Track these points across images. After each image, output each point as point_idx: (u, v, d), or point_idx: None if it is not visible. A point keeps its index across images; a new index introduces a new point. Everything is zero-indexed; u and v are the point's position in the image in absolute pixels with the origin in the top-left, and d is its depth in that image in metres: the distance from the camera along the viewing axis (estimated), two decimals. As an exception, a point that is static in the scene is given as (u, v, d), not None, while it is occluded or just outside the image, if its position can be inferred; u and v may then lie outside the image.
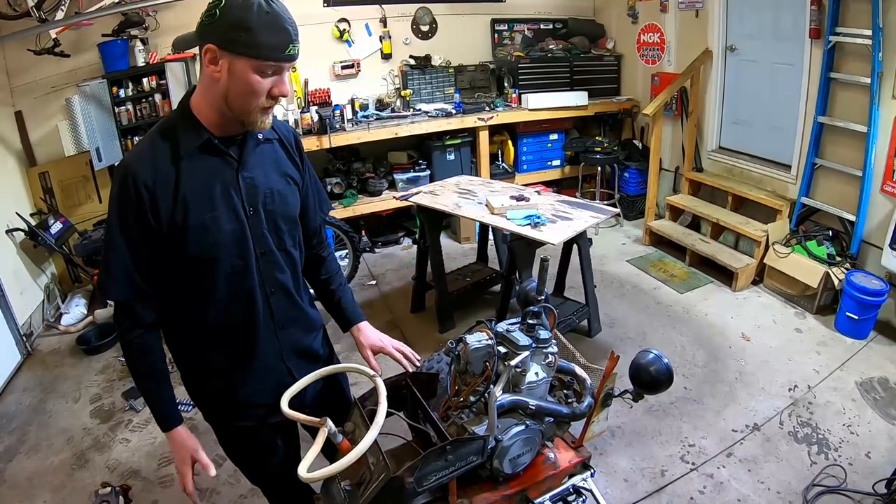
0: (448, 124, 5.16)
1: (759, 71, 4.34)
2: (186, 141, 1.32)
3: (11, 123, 4.40)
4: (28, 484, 2.79)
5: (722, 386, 3.13)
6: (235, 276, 1.41)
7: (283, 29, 1.22)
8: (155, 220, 1.30)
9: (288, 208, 1.49)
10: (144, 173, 1.28)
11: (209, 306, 1.42)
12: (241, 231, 1.38)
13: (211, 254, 1.36)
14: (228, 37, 1.20)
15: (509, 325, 1.67)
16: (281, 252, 1.49)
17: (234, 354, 1.51)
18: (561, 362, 1.72)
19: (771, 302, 3.97)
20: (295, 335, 1.58)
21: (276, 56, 1.23)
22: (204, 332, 1.47)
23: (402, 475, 1.30)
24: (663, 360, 1.59)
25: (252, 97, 1.26)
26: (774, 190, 4.25)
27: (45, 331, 4.27)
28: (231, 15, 1.19)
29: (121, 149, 4.59)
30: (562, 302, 3.77)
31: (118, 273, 1.34)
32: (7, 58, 4.28)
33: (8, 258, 4.04)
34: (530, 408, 1.55)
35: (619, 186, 5.57)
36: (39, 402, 3.44)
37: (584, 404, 1.67)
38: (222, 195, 1.35)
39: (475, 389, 1.55)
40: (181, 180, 1.31)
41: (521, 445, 1.54)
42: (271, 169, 1.46)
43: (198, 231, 1.33)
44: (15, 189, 4.36)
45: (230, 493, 2.62)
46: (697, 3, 4.64)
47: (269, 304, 1.49)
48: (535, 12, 5.92)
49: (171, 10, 4.56)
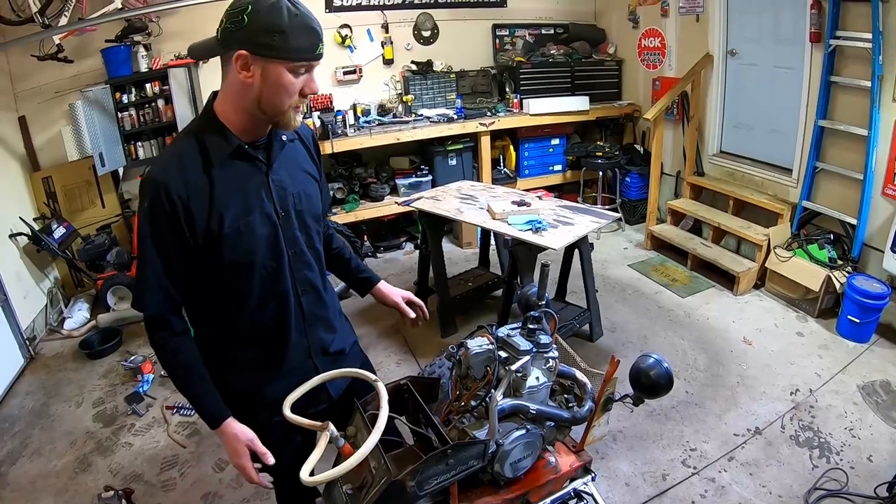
0: (450, 129, 5.18)
1: (760, 75, 4.36)
2: (217, 149, 1.33)
3: (15, 128, 4.43)
4: (31, 487, 2.80)
5: (723, 390, 3.13)
6: (269, 278, 1.43)
7: (312, 30, 1.25)
8: (190, 230, 1.30)
9: (314, 206, 1.52)
10: (176, 185, 1.28)
11: (243, 308, 1.45)
12: (274, 234, 1.41)
13: (246, 258, 1.38)
14: (261, 41, 1.21)
15: (510, 329, 1.68)
16: (310, 250, 1.52)
17: (265, 353, 1.53)
18: (562, 367, 1.73)
19: (772, 306, 3.97)
20: (321, 333, 1.60)
21: (308, 56, 1.27)
22: (236, 332, 1.49)
23: (404, 479, 1.31)
24: (663, 365, 1.60)
25: (286, 97, 1.29)
26: (775, 194, 4.26)
27: (48, 335, 4.29)
28: (261, 20, 1.20)
29: (124, 154, 4.64)
30: (563, 306, 3.77)
31: (154, 287, 1.34)
32: (11, 63, 4.32)
33: (11, 262, 4.06)
34: (531, 412, 1.56)
35: (621, 191, 5.58)
36: (42, 405, 3.45)
37: (585, 409, 1.68)
38: (255, 200, 1.38)
39: (476, 394, 1.57)
40: (214, 189, 1.32)
41: (522, 449, 1.55)
42: (296, 169, 1.49)
43: (233, 237, 1.34)
44: (18, 194, 4.39)
45: (233, 497, 2.64)
46: (698, 8, 4.66)
47: (300, 303, 1.52)
48: (536, 17, 5.94)
49: (174, 15, 4.60)
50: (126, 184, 4.97)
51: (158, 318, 1.39)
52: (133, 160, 4.71)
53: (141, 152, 4.71)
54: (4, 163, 4.27)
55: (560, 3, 5.93)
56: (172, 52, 4.67)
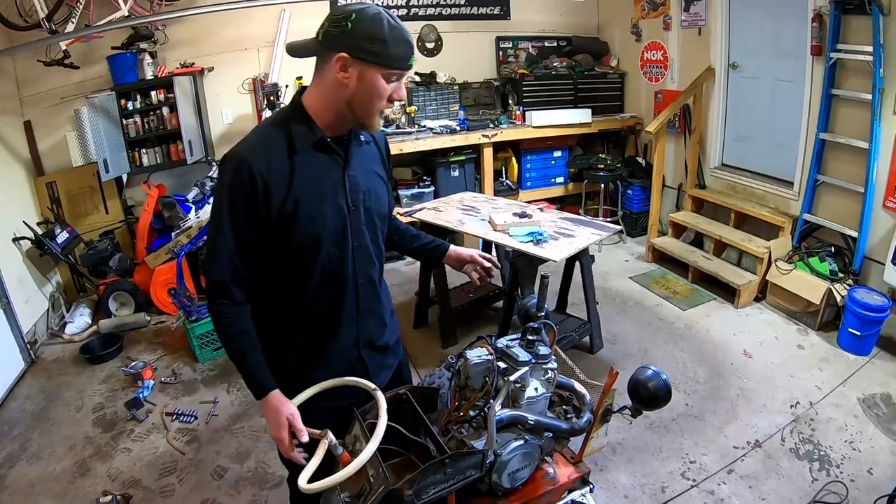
0: (452, 141, 5.22)
1: (761, 88, 4.38)
2: (302, 137, 1.42)
3: (20, 133, 4.47)
4: (30, 490, 2.81)
5: (723, 402, 3.13)
6: (332, 265, 1.50)
7: (408, 42, 1.35)
8: (265, 208, 1.38)
9: (381, 205, 1.60)
10: (259, 164, 1.37)
11: (302, 291, 1.52)
12: (342, 225, 1.48)
13: (313, 244, 1.46)
14: (362, 46, 1.31)
15: (509, 340, 1.68)
16: (373, 245, 1.59)
17: (315, 336, 1.59)
18: (560, 378, 1.73)
19: (773, 318, 3.97)
20: (372, 326, 1.66)
21: (402, 66, 1.36)
22: (292, 313, 1.57)
23: (401, 488, 1.31)
24: (662, 377, 1.61)
25: (377, 101, 1.38)
26: (777, 207, 4.27)
27: (50, 339, 4.30)
28: (365, 28, 1.30)
29: (128, 161, 4.66)
30: (564, 318, 3.78)
31: (222, 255, 1.42)
32: (17, 68, 4.37)
33: (14, 266, 4.07)
34: (529, 423, 1.56)
35: (623, 203, 5.59)
36: (42, 409, 3.46)
37: (583, 420, 1.68)
38: (330, 191, 1.46)
39: (475, 404, 1.57)
40: (294, 174, 1.40)
41: (520, 460, 1.55)
42: (369, 168, 1.57)
43: (305, 222, 1.42)
44: (22, 198, 4.42)
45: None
46: (700, 21, 4.70)
47: (357, 294, 1.58)
48: (540, 30, 6.01)
49: (180, 24, 4.66)
50: (129, 190, 5.00)
51: (221, 284, 1.46)
52: (137, 167, 4.74)
53: (145, 159, 4.74)
54: (9, 167, 4.30)
55: (563, 16, 5.99)
56: (178, 61, 4.73)
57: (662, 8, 5.07)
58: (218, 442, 3.06)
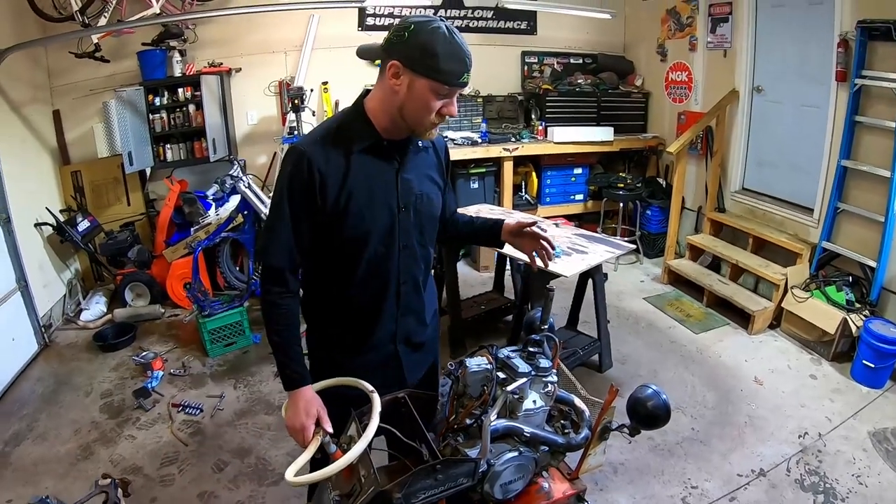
0: (473, 153, 5.24)
1: (785, 112, 4.34)
2: (359, 138, 1.48)
3: (49, 122, 4.59)
4: (32, 469, 2.86)
5: (730, 429, 3.07)
6: (377, 261, 1.56)
7: (461, 59, 1.35)
8: (321, 200, 1.45)
9: (433, 210, 1.65)
10: (318, 158, 1.44)
11: (348, 283, 1.59)
12: (391, 224, 1.54)
13: (361, 239, 1.52)
14: (414, 58, 1.35)
15: (511, 351, 1.68)
16: (420, 248, 1.63)
17: (356, 328, 1.65)
18: (560, 392, 1.71)
19: (787, 346, 3.89)
20: (411, 324, 1.70)
21: (453, 81, 1.37)
22: (336, 304, 1.65)
23: (391, 490, 1.31)
24: (661, 396, 1.59)
25: (425, 113, 1.41)
26: (796, 233, 4.20)
27: (64, 324, 4.38)
28: (420, 39, 1.33)
29: (152, 155, 4.75)
30: (574, 335, 3.75)
31: (280, 242, 1.50)
32: (49, 58, 4.49)
33: (35, 251, 4.17)
34: (525, 435, 1.56)
35: (641, 223, 5.55)
36: (52, 392, 3.53)
37: (581, 436, 1.66)
38: (382, 191, 1.51)
39: (472, 413, 1.56)
40: (350, 172, 1.47)
41: (514, 472, 1.54)
42: (423, 173, 1.61)
43: (355, 218, 1.49)
44: (47, 185, 4.53)
45: (229, 498, 2.66)
46: (725, 43, 4.68)
47: (399, 291, 1.62)
48: (566, 46, 6.02)
49: (211, 24, 4.76)
50: (152, 184, 5.10)
51: (277, 270, 1.53)
52: (161, 161, 4.83)
53: (169, 154, 4.83)
54: (37, 154, 4.42)
55: (589, 34, 5.99)
56: (207, 60, 4.83)
57: (689, 29, 5.05)
58: (221, 436, 3.09)
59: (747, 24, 4.44)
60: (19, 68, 4.12)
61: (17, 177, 3.93)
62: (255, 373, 3.64)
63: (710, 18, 4.80)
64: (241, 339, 3.98)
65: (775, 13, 4.30)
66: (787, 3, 4.19)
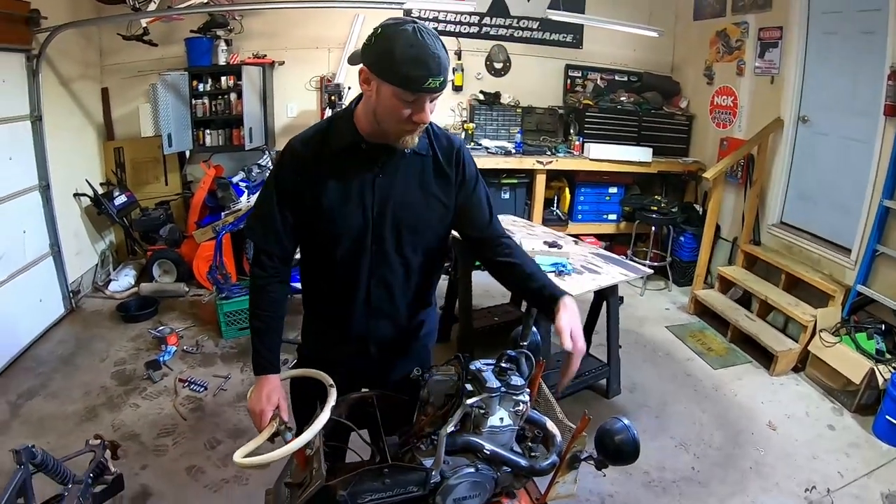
0: (505, 163, 5.21)
1: (830, 145, 4.12)
2: (339, 138, 1.50)
3: (97, 98, 4.82)
4: (38, 424, 3.01)
5: (733, 473, 2.91)
6: (348, 261, 1.57)
7: (423, 64, 1.28)
8: (302, 192, 1.51)
9: (417, 220, 1.58)
10: (303, 154, 1.51)
11: (324, 278, 1.64)
12: (363, 227, 1.53)
13: (333, 237, 1.54)
14: (379, 63, 1.32)
15: (484, 365, 1.63)
16: (397, 255, 1.59)
17: (333, 323, 1.69)
18: (533, 413, 1.66)
19: (808, 392, 3.67)
20: (386, 328, 1.69)
21: (415, 88, 1.31)
22: (318, 297, 1.71)
23: (335, 486, 1.31)
24: (631, 432, 1.50)
25: (395, 120, 1.37)
26: (831, 273, 3.97)
27: (93, 292, 4.60)
28: (381, 44, 1.30)
29: (192, 139, 4.91)
30: (583, 358, 3.65)
31: (266, 224, 1.57)
32: (103, 38, 4.72)
33: (71, 219, 4.37)
34: (485, 452, 1.51)
35: (673, 250, 5.37)
36: (70, 354, 3.71)
37: (547, 462, 1.59)
38: (355, 193, 1.51)
39: (434, 422, 1.54)
40: (328, 171, 1.50)
41: (469, 488, 1.49)
42: (412, 181, 1.55)
43: (327, 215, 1.52)
44: (90, 158, 4.75)
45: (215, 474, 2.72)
46: (773, 69, 4.48)
47: (369, 295, 1.62)
48: (611, 62, 5.92)
49: (257, 16, 4.90)
50: (190, 166, 5.28)
51: (264, 252, 1.59)
52: (200, 146, 5.00)
53: (208, 139, 4.99)
54: (83, 128, 4.65)
55: (637, 51, 5.87)
56: (251, 51, 4.97)
57: (737, 52, 4.87)
58: (220, 415, 3.17)
59: (797, 50, 4.25)
60: (72, 46, 4.34)
61: (60, 148, 4.14)
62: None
63: (760, 42, 4.61)
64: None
65: (826, 40, 4.10)
66: (839, 31, 4.00)
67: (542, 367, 1.81)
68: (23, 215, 3.76)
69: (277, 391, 1.55)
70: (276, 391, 1.55)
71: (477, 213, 1.68)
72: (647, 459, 2.95)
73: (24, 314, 3.73)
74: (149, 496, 2.57)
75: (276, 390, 1.55)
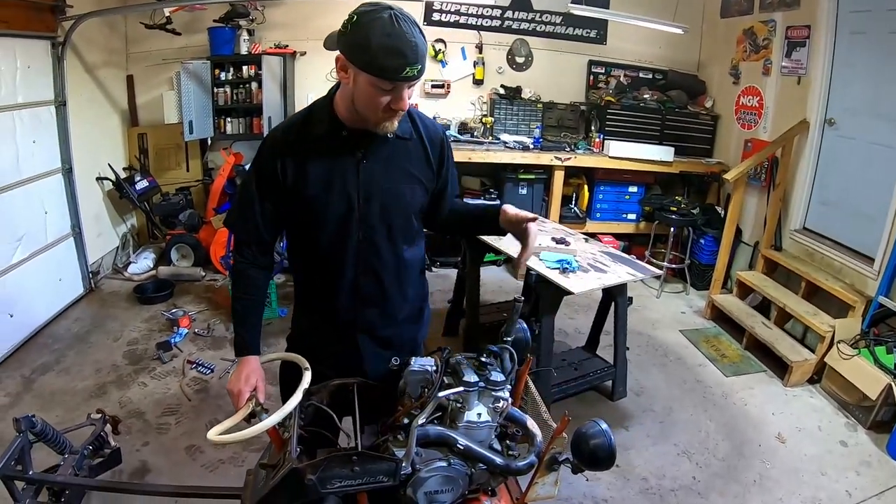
0: (523, 158, 5.16)
1: (856, 150, 3.96)
2: (319, 126, 1.50)
3: (122, 85, 4.94)
4: (49, 398, 3.12)
5: (735, 486, 2.82)
6: (333, 248, 1.57)
7: (399, 53, 1.27)
8: (283, 181, 1.50)
9: (403, 204, 1.59)
10: (282, 144, 1.52)
11: (310, 265, 1.66)
12: (348, 214, 1.52)
13: (316, 224, 1.54)
14: (353, 52, 1.31)
15: (464, 358, 1.62)
16: (387, 242, 1.59)
17: (319, 309, 1.70)
18: (513, 411, 1.63)
19: (822, 405, 3.55)
20: (374, 316, 1.67)
21: (391, 77, 1.30)
22: (305, 285, 1.72)
23: (304, 469, 1.32)
24: (607, 437, 1.46)
25: (372, 108, 1.37)
26: (852, 283, 3.82)
27: (112, 273, 4.73)
28: (357, 32, 1.29)
29: (213, 126, 4.98)
30: (588, 357, 3.61)
31: (246, 218, 1.58)
32: (128, 27, 4.82)
33: (93, 202, 4.50)
34: (458, 446, 1.49)
35: (693, 252, 5.25)
36: (86, 332, 3.83)
37: (524, 462, 1.56)
38: (338, 179, 1.50)
39: (410, 413, 1.52)
40: (309, 158, 1.50)
41: (440, 482, 1.48)
42: (396, 165, 1.55)
43: (310, 201, 1.51)
44: (114, 143, 4.88)
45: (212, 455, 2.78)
46: (800, 69, 4.32)
47: (357, 282, 1.61)
48: (636, 59, 5.80)
49: (278, 6, 4.94)
50: (211, 154, 5.37)
51: (243, 243, 1.62)
52: (220, 133, 5.08)
53: (229, 127, 5.06)
54: (108, 114, 4.77)
55: (662, 49, 5.73)
56: (273, 41, 5.01)
57: (764, 51, 4.71)
58: (223, 398, 3.19)
59: (824, 49, 4.09)
60: (97, 34, 4.46)
61: (85, 133, 4.27)
62: (272, 344, 3.73)
63: (787, 42, 4.45)
64: (267, 310, 4.07)
65: (854, 40, 3.94)
66: (868, 30, 3.83)
67: (528, 365, 1.79)
68: (45, 197, 3.88)
69: (256, 373, 1.56)
70: (254, 373, 1.56)
71: (449, 194, 1.74)
72: (647, 465, 2.90)
73: (43, 292, 3.86)
74: (147, 472, 2.64)
75: (255, 372, 1.56)
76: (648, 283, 5.19)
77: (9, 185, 3.51)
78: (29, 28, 3.61)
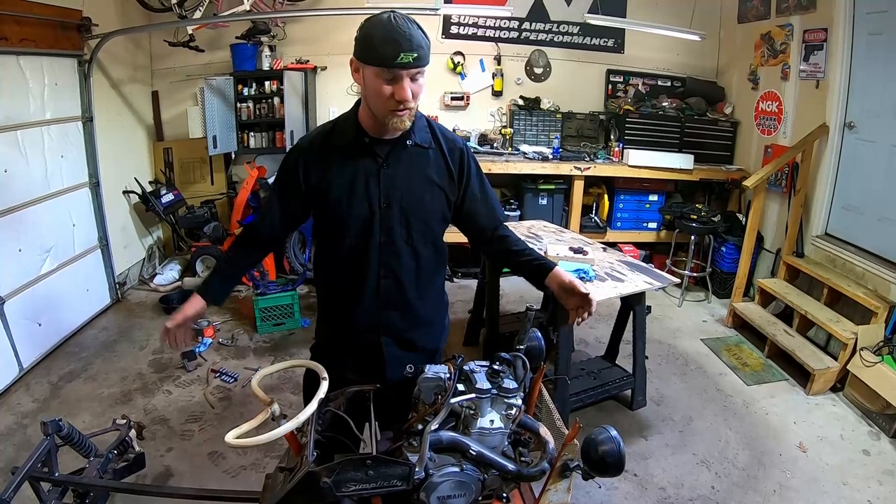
0: (542, 168, 5.18)
1: (878, 153, 3.89)
2: (343, 135, 1.63)
3: (148, 100, 5.11)
4: (76, 404, 3.23)
5: (754, 496, 2.79)
6: (356, 251, 1.65)
7: (394, 40, 1.41)
8: (305, 187, 1.64)
9: (424, 209, 1.67)
10: (308, 151, 1.66)
11: (334, 268, 1.74)
12: (370, 218, 1.62)
13: (339, 227, 1.65)
14: (359, 49, 1.47)
15: (478, 366, 1.66)
16: (407, 245, 1.67)
17: (343, 310, 1.75)
18: (525, 418, 1.66)
19: (845, 414, 3.48)
20: (395, 319, 1.74)
21: (388, 63, 1.42)
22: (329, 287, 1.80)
23: (320, 472, 1.37)
24: (617, 443, 1.48)
25: (380, 100, 1.48)
26: (875, 289, 3.74)
27: (139, 285, 4.87)
28: (362, 33, 1.46)
29: (236, 141, 5.10)
30: (608, 367, 3.60)
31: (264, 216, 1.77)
32: (153, 44, 4.99)
33: (120, 215, 4.65)
34: (471, 452, 1.52)
35: (714, 260, 5.20)
36: (112, 341, 3.95)
37: (536, 468, 1.59)
38: (362, 185, 1.60)
39: (424, 419, 1.57)
40: (333, 165, 1.62)
41: (453, 487, 1.51)
42: (417, 172, 1.65)
43: (333, 207, 1.63)
44: (140, 157, 5.04)
45: (235, 461, 2.84)
46: (819, 73, 4.28)
47: (379, 285, 1.68)
48: (654, 67, 5.78)
49: (299, 23, 5.06)
50: (235, 167, 5.51)
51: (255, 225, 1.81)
52: (244, 147, 5.19)
53: (252, 142, 5.17)
54: (133, 128, 4.94)
55: (680, 56, 5.71)
56: (294, 57, 5.13)
57: (782, 56, 4.67)
58: (246, 406, 3.30)
59: (842, 52, 4.04)
60: (122, 51, 4.63)
61: (111, 147, 4.43)
62: (294, 353, 3.82)
63: (804, 45, 4.40)
64: (289, 321, 4.20)
65: (872, 42, 3.88)
66: (885, 31, 3.78)
67: (542, 373, 1.82)
68: (73, 210, 4.03)
69: (193, 308, 1.70)
70: (191, 305, 1.70)
71: (491, 211, 1.81)
72: (666, 475, 2.87)
73: (71, 302, 3.99)
74: (170, 476, 2.72)
75: (192, 304, 1.70)
76: (670, 291, 5.16)
77: (38, 199, 3.65)
78: (56, 46, 3.75)
